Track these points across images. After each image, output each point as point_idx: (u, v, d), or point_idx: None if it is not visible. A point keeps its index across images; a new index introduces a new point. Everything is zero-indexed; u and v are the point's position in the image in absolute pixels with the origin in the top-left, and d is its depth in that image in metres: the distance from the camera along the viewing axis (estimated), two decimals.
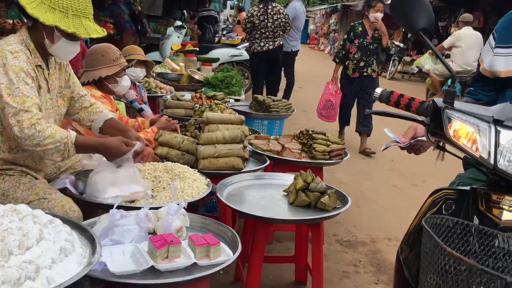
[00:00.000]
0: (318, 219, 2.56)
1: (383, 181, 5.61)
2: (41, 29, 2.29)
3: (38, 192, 2.29)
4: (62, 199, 2.30)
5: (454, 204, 1.57)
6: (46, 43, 2.31)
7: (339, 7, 26.82)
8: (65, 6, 2.24)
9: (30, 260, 1.38)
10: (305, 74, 15.60)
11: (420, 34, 1.61)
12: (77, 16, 2.27)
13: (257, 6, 7.39)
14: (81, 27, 2.27)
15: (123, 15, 8.45)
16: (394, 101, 1.69)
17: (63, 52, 2.38)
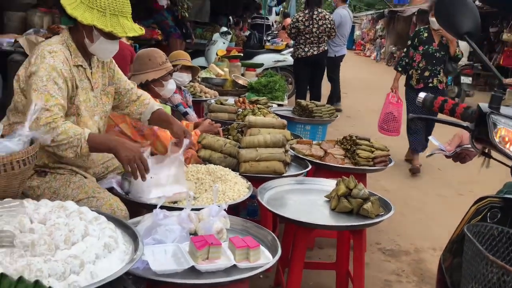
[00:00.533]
0: (360, 226, 2.52)
1: (429, 190, 5.47)
2: (81, 29, 2.34)
3: (88, 190, 2.36)
4: (110, 198, 2.36)
5: (499, 213, 1.51)
6: (86, 42, 2.36)
7: (386, 13, 26.44)
8: (103, 6, 2.27)
9: (75, 255, 1.42)
10: (350, 80, 15.45)
11: (465, 38, 1.56)
12: (115, 15, 2.30)
13: (302, 12, 7.38)
14: (118, 25, 2.30)
15: (167, 21, 8.62)
16: (438, 106, 1.64)
17: (103, 51, 2.42)
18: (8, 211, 1.52)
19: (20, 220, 1.50)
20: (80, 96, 2.39)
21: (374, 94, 12.80)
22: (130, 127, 3.22)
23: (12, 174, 1.71)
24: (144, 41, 7.77)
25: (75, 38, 2.40)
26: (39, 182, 2.32)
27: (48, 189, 2.32)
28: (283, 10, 22.32)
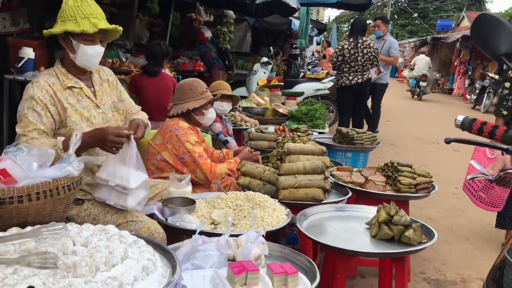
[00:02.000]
0: (401, 253, 2.46)
1: (476, 218, 5.27)
2: (64, 46, 2.46)
3: (126, 215, 2.42)
4: (148, 222, 2.42)
5: None
6: (71, 56, 2.46)
7: (429, 40, 26.14)
8: (72, 15, 2.39)
9: (115, 276, 1.46)
10: (394, 108, 15.27)
11: (502, 59, 1.54)
12: (85, 18, 2.40)
13: (347, 40, 7.38)
14: (89, 25, 2.39)
15: (210, 52, 8.87)
16: (477, 128, 1.61)
17: (87, 57, 2.46)
18: (52, 234, 1.59)
19: (63, 242, 1.56)
20: (71, 117, 2.44)
21: (419, 122, 12.61)
22: (172, 155, 3.30)
23: (58, 199, 1.79)
24: (187, 73, 8.00)
25: (65, 62, 2.51)
26: (77, 211, 2.40)
27: (88, 216, 2.39)
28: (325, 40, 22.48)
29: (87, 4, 2.44)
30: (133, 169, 2.33)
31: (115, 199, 2.35)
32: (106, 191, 2.35)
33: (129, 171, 2.31)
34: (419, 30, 39.32)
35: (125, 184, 2.31)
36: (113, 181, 2.31)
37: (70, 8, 2.41)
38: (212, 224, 2.62)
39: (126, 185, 2.30)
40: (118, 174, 2.31)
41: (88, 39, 2.43)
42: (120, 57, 6.45)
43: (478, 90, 16.66)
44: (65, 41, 2.44)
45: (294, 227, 2.99)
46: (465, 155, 7.95)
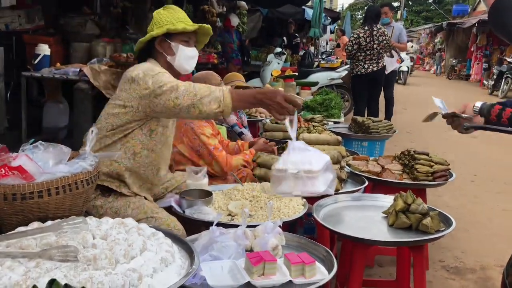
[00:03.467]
0: (419, 242, 2.45)
1: (494, 205, 5.22)
2: (161, 51, 2.53)
3: (147, 211, 2.46)
4: (168, 218, 2.44)
5: None
6: (169, 59, 2.54)
7: (445, 26, 25.77)
8: (169, 20, 2.50)
9: (134, 268, 1.49)
10: (409, 95, 15.13)
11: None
12: (181, 21, 2.52)
13: (362, 28, 7.33)
14: (187, 25, 2.50)
15: (232, 44, 8.79)
16: (495, 114, 1.58)
17: (186, 59, 2.56)
18: (72, 228, 1.62)
19: (83, 236, 1.59)
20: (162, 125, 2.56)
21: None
22: (188, 148, 3.32)
23: (77, 193, 1.81)
24: (200, 65, 8.00)
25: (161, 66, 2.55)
26: (102, 202, 2.44)
27: (110, 209, 2.43)
28: (339, 28, 22.28)
29: (179, 11, 2.58)
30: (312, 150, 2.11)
31: (301, 187, 2.08)
32: (287, 182, 2.10)
33: (309, 153, 2.10)
34: (434, 16, 38.75)
35: (308, 167, 2.06)
36: (294, 168, 2.06)
37: (164, 15, 2.54)
38: (229, 215, 2.63)
39: (310, 168, 2.06)
40: (294, 159, 2.08)
41: (185, 41, 2.55)
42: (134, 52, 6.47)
43: (495, 75, 16.40)
44: (162, 46, 2.53)
45: (311, 217, 2.99)
46: (483, 141, 7.89)
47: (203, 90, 2.24)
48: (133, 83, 2.36)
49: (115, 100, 2.44)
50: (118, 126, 2.42)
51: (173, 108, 2.26)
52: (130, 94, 2.37)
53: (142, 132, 2.47)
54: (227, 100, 2.21)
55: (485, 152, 7.75)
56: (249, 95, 2.27)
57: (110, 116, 2.43)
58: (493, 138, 8.24)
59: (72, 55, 5.97)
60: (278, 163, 2.11)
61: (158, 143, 2.56)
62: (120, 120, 2.41)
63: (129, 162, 2.48)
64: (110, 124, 2.42)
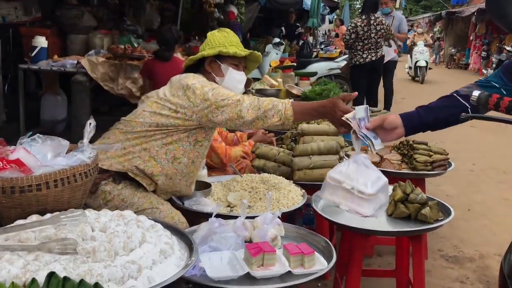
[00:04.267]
0: (418, 231, 2.46)
1: (494, 194, 5.24)
2: (210, 71, 2.57)
3: (152, 201, 2.45)
4: (172, 211, 2.45)
5: None
6: (218, 80, 2.56)
7: (444, 15, 25.66)
8: (221, 43, 2.55)
9: (133, 260, 1.49)
10: (408, 85, 15.12)
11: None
12: (233, 45, 2.57)
13: (359, 17, 7.29)
14: (238, 50, 2.54)
15: None
16: (493, 104, 1.57)
17: (234, 82, 2.59)
18: (71, 220, 1.62)
19: (82, 228, 1.59)
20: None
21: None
22: None
23: (75, 186, 1.81)
24: None
25: None
26: (111, 188, 2.41)
27: (118, 196, 2.41)
28: (338, 18, 22.19)
29: (232, 36, 2.63)
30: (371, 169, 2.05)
31: (350, 204, 2.04)
32: (338, 192, 2.05)
33: (368, 172, 2.03)
34: (433, 5, 38.55)
35: (362, 188, 1.98)
36: (349, 184, 2.00)
37: (218, 38, 2.58)
38: (228, 206, 2.64)
39: (364, 190, 1.98)
40: (353, 175, 2.02)
41: (235, 64, 2.59)
42: (132, 43, 6.45)
43: (495, 64, 16.37)
44: (212, 66, 2.58)
45: (310, 207, 3.00)
46: (482, 131, 7.90)
47: (266, 103, 2.27)
48: (188, 90, 2.37)
49: (164, 102, 2.42)
50: (165, 125, 2.41)
51: (237, 120, 2.31)
52: (184, 101, 2.37)
53: (187, 140, 2.47)
54: (289, 114, 2.26)
55: (484, 141, 7.76)
56: (310, 109, 2.32)
57: (157, 115, 2.41)
58: (492, 127, 8.25)
59: (69, 47, 5.96)
60: (335, 171, 2.08)
61: (200, 155, 2.56)
62: (169, 121, 2.40)
63: (167, 165, 2.45)
64: (155, 122, 2.41)
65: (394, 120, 2.05)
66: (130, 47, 6.16)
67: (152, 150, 2.41)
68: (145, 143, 2.41)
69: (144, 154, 2.41)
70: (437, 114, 2.01)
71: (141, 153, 2.41)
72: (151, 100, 2.49)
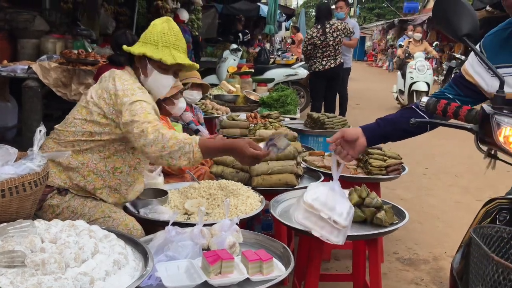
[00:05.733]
0: (373, 235, 2.49)
1: (446, 197, 5.40)
2: (137, 66, 2.46)
3: (104, 210, 2.38)
4: (126, 218, 2.38)
5: (508, 214, 1.49)
6: (142, 79, 2.46)
7: (396, 22, 26.42)
8: (155, 40, 2.41)
9: (85, 272, 1.44)
10: (363, 91, 15.42)
11: (464, 40, 1.57)
12: (167, 47, 2.42)
13: (315, 27, 7.29)
14: (169, 55, 2.40)
15: (189, 44, 8.59)
16: (441, 109, 1.62)
17: (157, 85, 2.49)
18: (19, 231, 1.55)
19: (31, 240, 1.52)
20: None
21: (388, 104, 12.77)
22: None
23: (24, 195, 1.74)
24: None
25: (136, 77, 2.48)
26: (59, 201, 2.34)
27: (67, 208, 2.34)
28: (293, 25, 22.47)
29: (172, 33, 2.45)
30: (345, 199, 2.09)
31: (322, 231, 2.07)
32: (312, 219, 2.06)
33: (343, 201, 2.06)
34: (386, 13, 39.65)
35: (337, 218, 2.02)
36: (326, 213, 2.01)
37: (155, 33, 2.43)
38: (185, 214, 2.60)
39: (339, 221, 2.02)
40: (330, 204, 2.03)
41: (163, 68, 2.45)
42: (86, 48, 6.30)
43: (445, 71, 16.92)
44: (140, 62, 2.46)
45: (269, 213, 3.00)
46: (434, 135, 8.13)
47: (172, 143, 2.14)
48: (114, 96, 2.29)
49: (92, 106, 2.33)
50: (98, 133, 2.32)
51: (141, 152, 2.24)
52: (110, 106, 2.29)
53: (125, 150, 2.40)
54: (197, 156, 2.17)
55: (436, 146, 8.00)
56: (218, 150, 2.27)
57: (89, 123, 2.32)
58: (443, 132, 8.51)
59: (20, 52, 5.76)
60: (311, 196, 2.05)
61: (142, 161, 2.49)
62: (101, 129, 2.31)
63: (109, 177, 2.38)
64: (88, 131, 2.32)
65: (354, 132, 2.10)
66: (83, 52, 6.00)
67: (90, 164, 2.34)
68: (81, 156, 2.33)
69: (83, 169, 2.34)
70: (396, 125, 2.07)
71: (79, 167, 2.33)
72: (80, 104, 2.41)
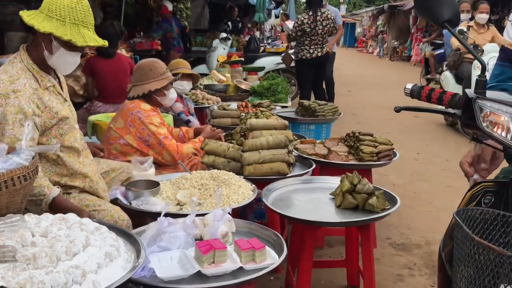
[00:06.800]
0: (365, 221, 2.51)
1: (438, 182, 5.43)
2: (40, 41, 2.25)
3: (89, 204, 2.38)
4: (112, 209, 2.38)
5: (493, 197, 1.51)
6: (46, 54, 2.26)
7: (386, 8, 26.38)
8: (62, 15, 2.20)
9: (77, 265, 1.44)
10: (353, 78, 15.44)
11: (445, 25, 1.57)
12: (75, 24, 2.22)
13: (306, 14, 7.23)
14: (79, 35, 2.22)
15: (172, 33, 8.57)
16: (426, 95, 1.64)
17: (63, 63, 2.32)
18: (10, 226, 1.54)
19: (22, 234, 1.52)
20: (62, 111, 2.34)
21: (379, 90, 12.81)
22: (136, 139, 3.24)
23: (14, 190, 1.72)
24: (144, 52, 7.83)
25: (34, 55, 2.29)
26: None
27: None
28: (283, 13, 22.35)
29: (81, 8, 2.24)
30: None
31: None
32: None
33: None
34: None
35: None
36: None
37: (62, 7, 2.20)
38: (178, 205, 2.60)
39: None
40: None
41: (70, 46, 2.24)
42: None
43: None
44: (44, 38, 2.23)
45: (261, 202, 3.01)
46: (426, 121, 8.18)
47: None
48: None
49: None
50: None
51: None
52: None
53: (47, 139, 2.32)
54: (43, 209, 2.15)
55: (427, 131, 8.03)
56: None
57: None
58: (434, 117, 8.55)
59: (7, 45, 5.69)
60: None
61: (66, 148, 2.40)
62: None
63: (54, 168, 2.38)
64: None
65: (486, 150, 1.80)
66: None
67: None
68: None
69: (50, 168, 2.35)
70: None
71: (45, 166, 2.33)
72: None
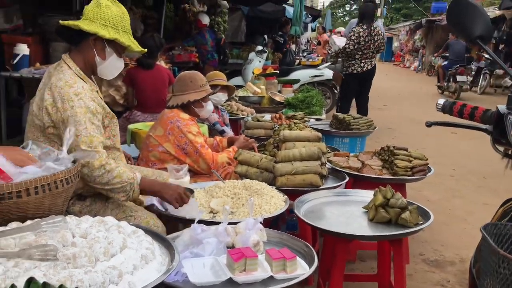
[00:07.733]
0: (397, 235, 2.49)
1: (474, 199, 5.31)
2: (92, 47, 2.34)
3: (126, 210, 2.45)
4: (147, 216, 2.44)
5: None
6: (97, 60, 2.36)
7: (424, 23, 26.06)
8: (115, 24, 2.33)
9: (114, 266, 1.49)
10: (390, 92, 15.29)
11: (477, 41, 1.57)
12: (126, 32, 2.39)
13: (361, 27, 7.17)
14: (132, 43, 2.41)
15: (206, 45, 8.65)
16: (457, 110, 1.64)
17: (112, 68, 2.45)
18: (52, 227, 1.61)
19: (63, 235, 1.58)
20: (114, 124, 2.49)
21: (415, 105, 12.63)
22: (174, 146, 3.32)
23: (56, 192, 1.80)
24: (182, 64, 7.97)
25: (80, 62, 2.36)
26: (80, 207, 2.41)
27: (89, 213, 2.39)
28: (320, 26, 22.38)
29: (127, 18, 2.42)
30: None
31: None
32: None
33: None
34: (413, 13, 39.16)
35: None
36: None
37: (113, 16, 2.33)
38: (210, 213, 2.65)
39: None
40: None
41: (119, 52, 2.42)
42: None
43: (474, 71, 16.62)
44: (95, 44, 2.35)
45: (293, 213, 3.02)
46: (463, 137, 8.03)
47: (116, 181, 2.25)
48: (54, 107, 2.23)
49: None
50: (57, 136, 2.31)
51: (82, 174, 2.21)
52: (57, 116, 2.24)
53: None
54: (135, 195, 2.35)
55: (464, 147, 7.88)
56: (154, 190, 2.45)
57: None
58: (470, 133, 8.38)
59: (52, 55, 5.91)
60: None
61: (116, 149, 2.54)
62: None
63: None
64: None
65: None
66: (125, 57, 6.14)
67: None
68: None
69: None
70: None
71: None
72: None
